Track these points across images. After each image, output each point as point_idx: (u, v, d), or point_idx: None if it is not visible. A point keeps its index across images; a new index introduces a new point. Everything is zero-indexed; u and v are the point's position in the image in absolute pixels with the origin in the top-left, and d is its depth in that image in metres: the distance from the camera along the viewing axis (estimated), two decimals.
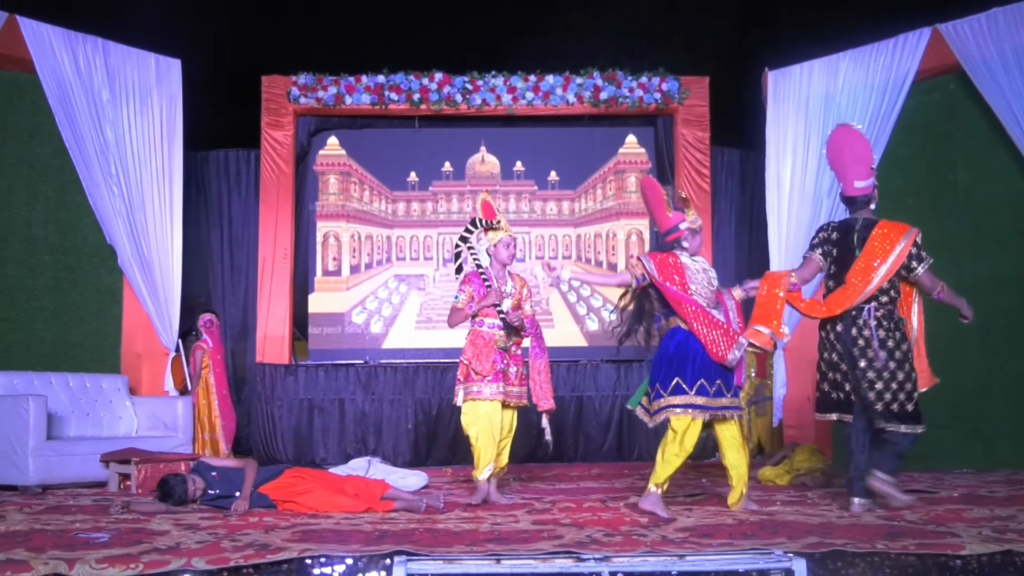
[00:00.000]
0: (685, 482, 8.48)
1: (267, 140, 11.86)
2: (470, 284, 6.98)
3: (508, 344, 6.95)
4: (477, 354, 6.92)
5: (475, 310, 6.93)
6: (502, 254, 7.04)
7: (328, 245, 12.19)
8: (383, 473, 7.99)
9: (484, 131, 12.51)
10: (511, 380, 6.95)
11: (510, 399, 6.94)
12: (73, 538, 5.06)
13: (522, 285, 7.13)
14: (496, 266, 7.08)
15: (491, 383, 6.85)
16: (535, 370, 7.05)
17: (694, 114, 12.18)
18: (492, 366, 6.86)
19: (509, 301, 6.97)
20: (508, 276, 7.09)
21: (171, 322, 10.39)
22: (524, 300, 7.11)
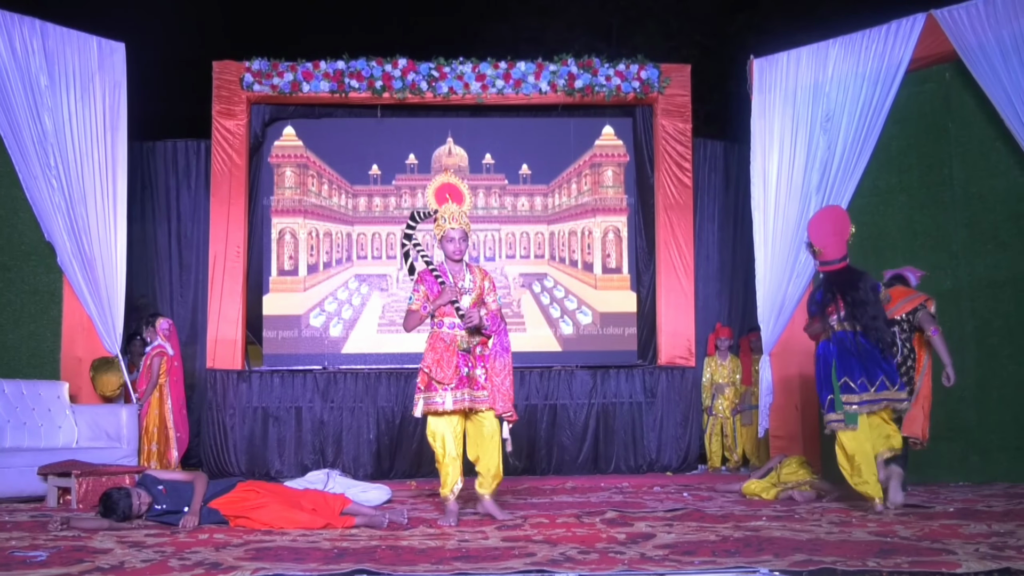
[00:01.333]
0: (665, 496, 8.50)
1: (218, 130, 11.80)
2: (423, 283, 6.89)
3: (471, 345, 6.85)
4: (438, 360, 6.77)
5: (430, 310, 6.84)
6: (448, 249, 6.90)
7: (284, 243, 12.15)
8: (343, 487, 7.97)
9: (451, 121, 12.50)
10: (478, 384, 6.82)
11: (477, 404, 6.81)
12: (9, 557, 5.02)
13: (483, 278, 6.97)
14: (450, 261, 6.98)
15: (454, 390, 6.73)
16: (493, 371, 6.82)
17: (675, 104, 12.21)
18: (455, 372, 6.72)
19: (469, 298, 6.87)
20: (466, 269, 6.96)
21: (114, 325, 10.32)
22: (486, 294, 6.95)
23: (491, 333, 6.82)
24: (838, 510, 7.09)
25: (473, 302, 6.84)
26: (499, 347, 6.86)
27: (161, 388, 10.24)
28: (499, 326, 6.89)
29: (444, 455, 6.81)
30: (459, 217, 6.95)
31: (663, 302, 12.08)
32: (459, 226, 6.92)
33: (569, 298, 12.32)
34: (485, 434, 6.80)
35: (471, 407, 6.75)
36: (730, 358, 11.94)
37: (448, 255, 6.93)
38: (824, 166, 10.29)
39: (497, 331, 6.87)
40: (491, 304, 6.95)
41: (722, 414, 11.85)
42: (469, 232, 7.01)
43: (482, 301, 6.90)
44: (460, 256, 6.93)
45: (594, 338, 12.23)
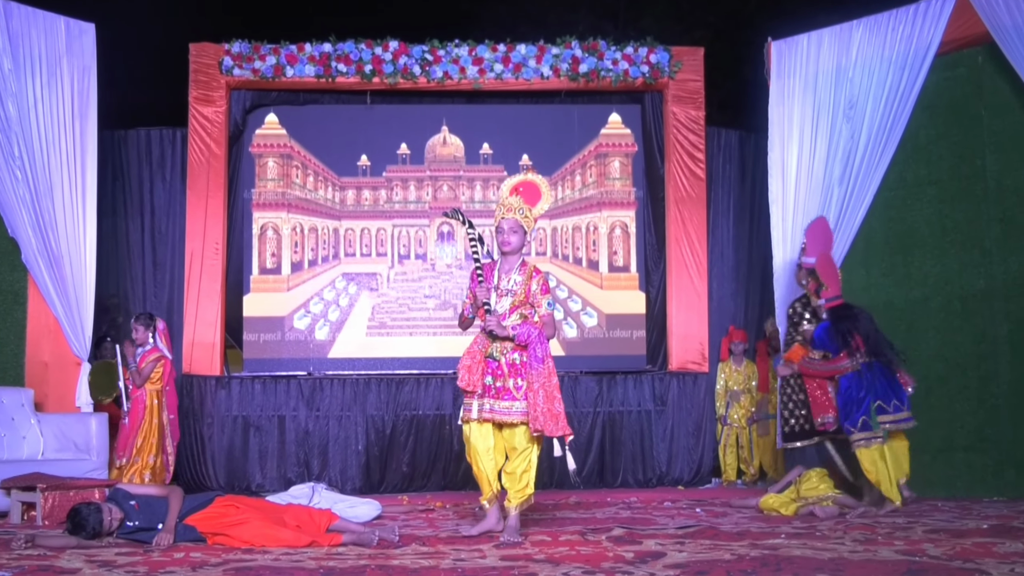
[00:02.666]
0: (677, 512, 8.49)
1: (195, 117, 11.79)
2: (471, 282, 6.98)
3: (499, 353, 6.81)
4: (468, 366, 6.83)
5: (471, 313, 6.96)
6: (497, 240, 6.96)
7: (266, 239, 12.14)
8: (329, 502, 7.96)
9: (446, 108, 12.49)
10: (508, 395, 6.77)
11: (501, 416, 6.77)
12: None
13: (530, 278, 6.92)
14: (505, 258, 7.00)
15: (480, 399, 6.79)
16: (530, 385, 6.72)
17: (687, 90, 12.20)
18: (479, 380, 6.79)
19: (509, 300, 6.85)
20: (518, 268, 6.96)
21: (83, 327, 10.31)
22: (532, 296, 6.88)
23: (520, 342, 6.76)
24: (862, 527, 7.08)
25: (515, 304, 6.82)
26: (532, 358, 6.72)
27: (159, 395, 10.18)
28: (531, 335, 6.77)
29: (474, 466, 6.95)
30: (515, 208, 6.96)
31: (674, 303, 12.07)
32: (512, 216, 6.93)
33: (573, 299, 12.31)
34: (515, 446, 6.80)
35: (494, 419, 6.74)
36: (745, 363, 11.93)
37: (499, 247, 6.99)
38: (847, 157, 10.28)
39: (528, 340, 6.75)
40: (541, 309, 6.87)
41: (737, 423, 11.84)
42: (529, 226, 6.99)
43: (529, 304, 6.87)
44: (508, 248, 6.93)
45: (600, 342, 12.22)
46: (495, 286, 6.89)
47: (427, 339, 12.04)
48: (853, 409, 8.36)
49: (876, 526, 7.12)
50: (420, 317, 12.14)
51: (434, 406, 11.56)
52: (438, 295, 12.15)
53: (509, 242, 6.91)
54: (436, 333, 12.06)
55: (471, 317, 7.04)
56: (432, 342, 12.01)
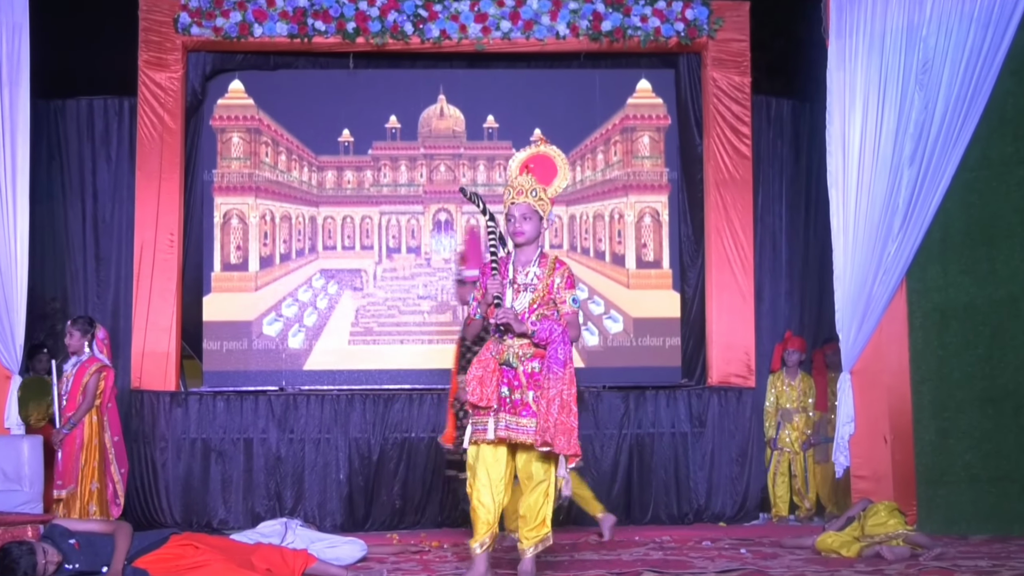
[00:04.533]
0: (718, 553, 8.50)
1: (146, 84, 11.78)
2: (482, 277, 6.92)
3: (516, 358, 6.77)
4: (479, 377, 6.72)
5: (482, 313, 6.89)
6: (508, 230, 6.89)
7: (230, 229, 12.16)
8: (306, 541, 7.97)
9: (443, 74, 12.52)
10: (526, 410, 6.73)
11: (519, 434, 6.72)
12: None
13: (552, 271, 6.88)
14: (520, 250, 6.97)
15: (496, 414, 6.70)
16: (544, 393, 6.64)
17: (729, 52, 12.20)
18: (495, 391, 6.70)
19: (527, 296, 6.79)
20: (537, 260, 6.92)
21: (13, 333, 10.30)
22: (555, 292, 6.84)
23: (539, 341, 6.72)
24: (938, 571, 7.08)
25: (535, 302, 6.77)
26: (552, 360, 6.64)
27: (100, 412, 10.19)
28: (553, 333, 6.74)
29: (473, 495, 6.77)
30: (526, 190, 6.89)
31: (714, 305, 12.07)
32: (524, 200, 6.87)
33: (595, 300, 12.32)
34: (531, 474, 6.75)
35: (511, 438, 6.68)
36: (800, 376, 11.91)
37: (510, 238, 6.93)
38: (920, 130, 10.26)
39: (549, 339, 6.69)
40: (564, 307, 6.84)
41: (790, 448, 11.83)
42: (544, 210, 6.92)
43: (551, 302, 6.84)
44: (522, 239, 6.87)
45: (626, 351, 12.24)
46: (510, 281, 6.82)
47: (421, 348, 12.05)
48: None
49: (954, 570, 7.12)
50: (413, 322, 12.15)
51: (429, 427, 11.54)
52: (434, 295, 12.16)
53: (522, 231, 6.85)
54: (432, 341, 12.07)
55: (480, 318, 6.98)
56: (427, 352, 12.01)
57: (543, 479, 6.72)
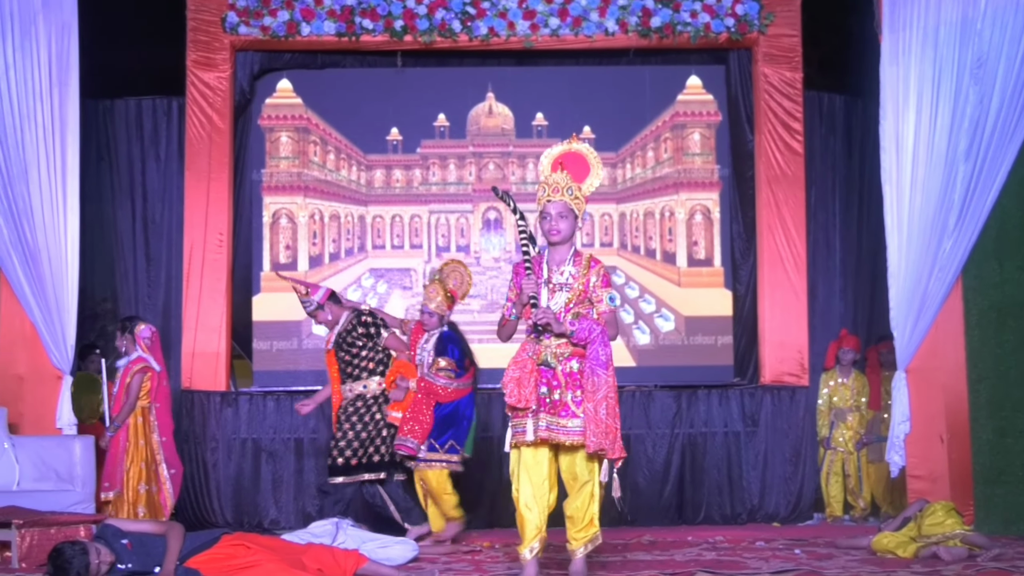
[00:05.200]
0: (771, 554, 8.47)
1: (194, 84, 11.85)
2: (515, 277, 6.93)
3: (555, 358, 6.77)
4: (516, 378, 6.71)
5: (517, 314, 6.89)
6: (542, 228, 6.88)
7: (279, 228, 12.21)
8: (357, 541, 7.98)
9: (492, 71, 12.53)
10: (566, 410, 6.72)
11: (560, 435, 6.71)
12: None
13: (588, 270, 6.88)
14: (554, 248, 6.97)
15: (535, 415, 6.70)
16: (587, 394, 6.65)
17: (781, 47, 12.15)
18: (533, 391, 6.70)
19: (563, 295, 6.80)
20: (571, 259, 6.93)
21: (64, 334, 10.37)
22: (592, 291, 6.83)
23: (579, 341, 6.73)
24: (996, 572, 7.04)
25: (570, 301, 6.78)
26: (594, 361, 6.66)
27: (146, 413, 10.24)
28: (592, 333, 6.73)
29: (519, 501, 6.78)
30: (562, 187, 6.87)
31: (767, 303, 12.02)
32: (560, 199, 6.85)
33: (645, 299, 12.30)
34: (576, 475, 6.76)
35: (552, 439, 6.68)
36: (854, 375, 11.84)
37: (545, 236, 6.91)
38: (975, 125, 10.19)
39: (589, 339, 6.69)
40: (601, 306, 6.82)
41: (844, 447, 11.77)
42: (579, 209, 6.92)
43: (587, 301, 6.83)
44: (557, 237, 6.86)
45: (678, 350, 12.22)
46: (545, 280, 6.82)
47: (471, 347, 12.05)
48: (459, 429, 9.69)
49: (1013, 571, 7.08)
50: (462, 321, 12.05)
51: (480, 427, 11.51)
52: (484, 295, 12.17)
53: (558, 230, 6.84)
54: (482, 340, 12.02)
55: (515, 318, 6.96)
56: (476, 351, 12.00)
57: (588, 479, 6.72)
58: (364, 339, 9.72)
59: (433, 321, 9.88)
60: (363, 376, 9.77)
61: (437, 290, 9.86)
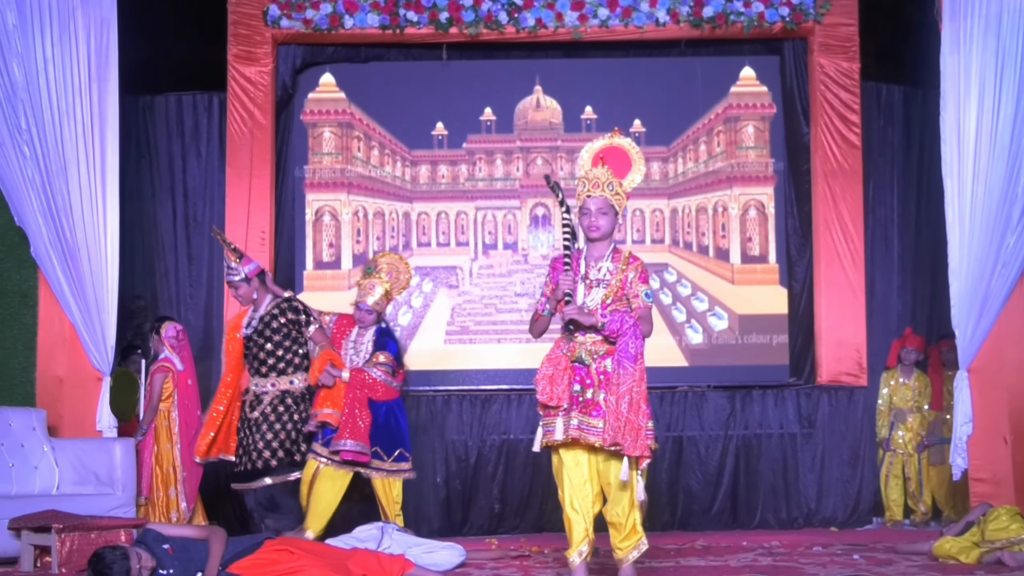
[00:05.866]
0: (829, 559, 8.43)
1: (236, 79, 11.89)
2: (552, 272, 6.97)
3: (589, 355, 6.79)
4: (549, 375, 6.77)
5: (550, 309, 6.92)
6: (583, 224, 6.95)
7: (322, 226, 12.24)
8: (402, 546, 8.01)
9: (539, 64, 12.51)
10: (597, 409, 6.74)
11: (591, 436, 6.73)
12: None
13: (626, 266, 6.91)
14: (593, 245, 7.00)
15: (565, 414, 6.73)
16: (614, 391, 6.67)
17: (837, 36, 12.08)
18: (566, 390, 6.72)
19: (600, 292, 6.83)
20: (610, 255, 6.97)
21: (104, 334, 10.41)
22: (628, 287, 6.86)
23: (610, 334, 6.73)
24: None
25: (608, 297, 6.79)
26: (622, 354, 6.68)
27: (169, 415, 10.29)
28: (624, 325, 6.74)
29: (564, 504, 6.84)
30: (603, 183, 6.92)
31: (823, 300, 11.96)
32: (600, 194, 6.90)
33: (698, 297, 12.26)
34: (611, 478, 6.77)
35: (583, 439, 6.69)
36: (915, 375, 11.78)
37: (584, 232, 6.97)
38: None
39: (620, 331, 6.71)
40: (637, 301, 6.85)
41: (904, 450, 11.71)
42: (620, 205, 6.97)
43: (624, 298, 6.84)
44: (596, 234, 6.92)
45: (732, 349, 12.18)
46: (582, 276, 6.86)
47: (519, 347, 12.04)
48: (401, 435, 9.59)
49: None
50: (510, 320, 12.15)
51: (528, 428, 11.51)
52: (532, 293, 12.14)
53: (598, 226, 6.90)
54: (529, 339, 11.96)
55: (548, 314, 7.01)
56: (525, 351, 11.99)
57: (626, 484, 6.71)
58: (289, 327, 9.45)
59: (370, 319, 9.68)
60: (289, 371, 9.46)
61: (377, 285, 9.66)
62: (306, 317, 9.47)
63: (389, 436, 9.40)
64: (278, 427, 9.32)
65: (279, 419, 9.35)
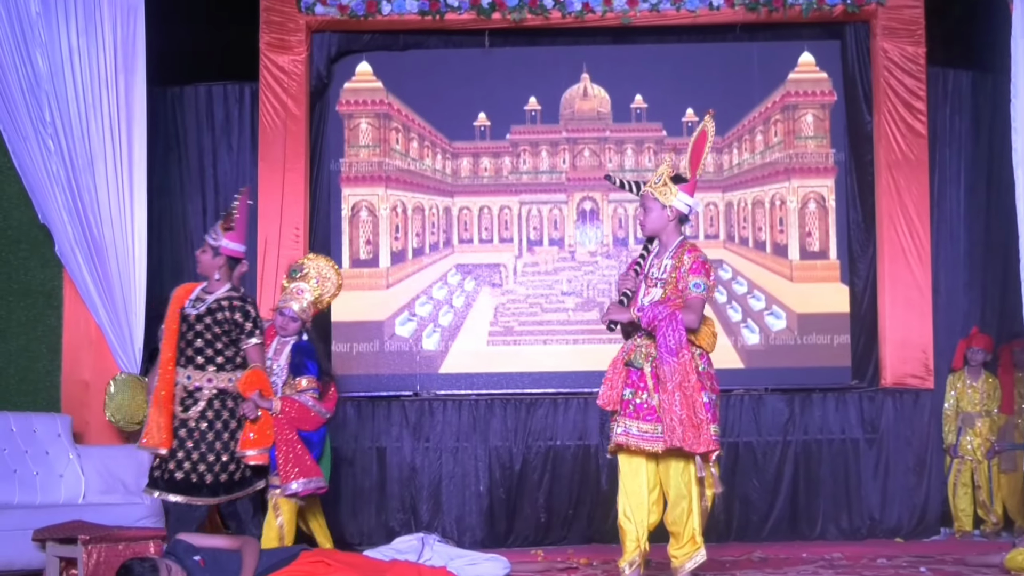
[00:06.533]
0: (895, 571, 8.40)
1: (268, 69, 11.92)
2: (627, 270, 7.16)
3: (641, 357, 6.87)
4: (609, 379, 6.99)
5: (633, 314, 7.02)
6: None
7: (359, 222, 12.26)
8: (444, 558, 8.01)
9: (586, 51, 12.49)
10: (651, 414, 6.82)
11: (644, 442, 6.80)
12: None
13: (680, 261, 7.04)
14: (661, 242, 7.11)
15: (620, 419, 6.85)
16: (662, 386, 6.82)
17: (901, 19, 12.02)
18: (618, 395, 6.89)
19: (659, 290, 6.91)
20: (670, 252, 7.09)
21: (132, 336, 10.46)
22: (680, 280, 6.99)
23: (645, 326, 6.83)
24: None
25: (666, 296, 6.86)
26: (662, 348, 6.76)
27: None
28: (658, 316, 6.79)
29: (620, 512, 6.98)
30: (653, 176, 7.18)
31: (887, 299, 11.90)
32: (646, 190, 7.15)
33: (754, 295, 12.23)
34: (671, 486, 6.83)
35: (629, 444, 6.77)
36: (984, 377, 11.70)
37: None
38: None
39: (654, 322, 6.80)
40: (686, 292, 6.94)
41: (973, 456, 11.64)
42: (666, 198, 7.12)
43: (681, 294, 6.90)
44: (644, 231, 7.18)
45: (790, 350, 12.13)
46: (644, 274, 6.94)
47: (565, 348, 12.04)
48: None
49: None
50: (556, 320, 12.14)
51: (576, 434, 11.53)
52: (579, 291, 12.14)
53: (643, 223, 7.16)
54: (577, 340, 12.05)
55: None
56: (572, 352, 12.00)
57: (684, 492, 6.76)
58: (233, 328, 8.46)
59: (293, 327, 9.03)
60: (227, 368, 8.47)
61: (307, 291, 9.10)
62: (252, 326, 8.51)
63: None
64: (219, 446, 8.34)
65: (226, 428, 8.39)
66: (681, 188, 7.09)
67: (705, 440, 6.64)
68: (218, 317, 8.38)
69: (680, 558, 6.87)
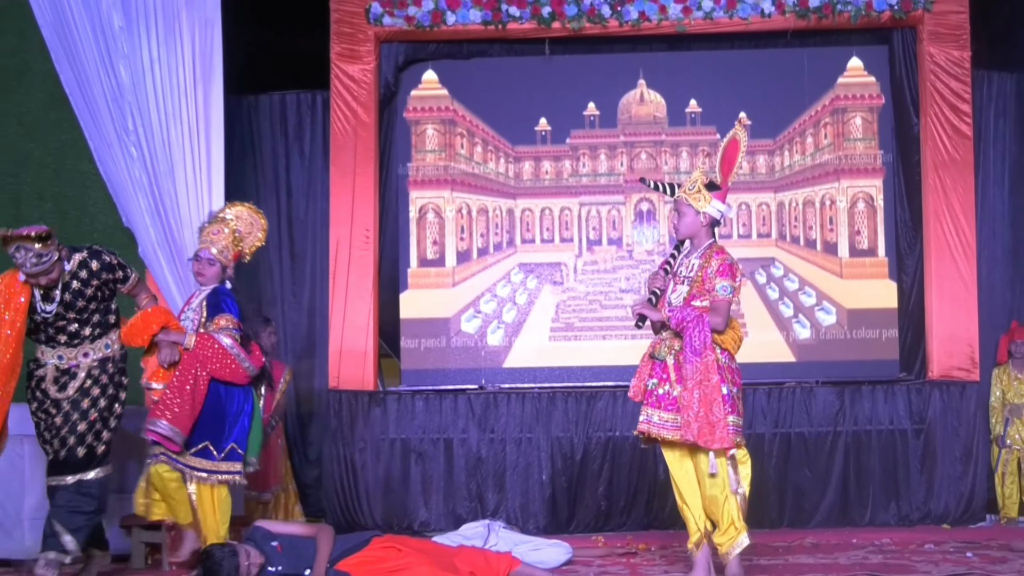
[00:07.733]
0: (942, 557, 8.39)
1: (339, 78, 12.00)
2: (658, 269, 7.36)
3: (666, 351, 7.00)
4: (637, 371, 7.27)
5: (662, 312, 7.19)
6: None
7: (426, 223, 12.33)
8: (509, 543, 8.06)
9: (643, 57, 12.49)
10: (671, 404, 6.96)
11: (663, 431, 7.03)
12: None
13: (707, 262, 7.14)
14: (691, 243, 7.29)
15: (644, 407, 7.18)
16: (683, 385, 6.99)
17: (947, 24, 11.97)
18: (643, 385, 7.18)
19: (685, 289, 7.04)
20: (698, 253, 7.21)
21: None
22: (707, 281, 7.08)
23: (674, 326, 7.01)
24: None
25: (692, 294, 6.97)
26: (687, 347, 6.91)
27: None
28: (686, 318, 6.92)
29: (677, 498, 7.25)
30: (687, 182, 7.30)
31: (934, 294, 11.87)
32: (679, 195, 7.27)
33: (805, 291, 12.21)
34: (702, 474, 6.93)
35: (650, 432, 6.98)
36: None
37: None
38: None
39: (683, 323, 6.95)
40: (713, 293, 7.03)
41: (1020, 446, 11.60)
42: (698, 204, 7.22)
43: (706, 293, 7.00)
44: (676, 234, 7.36)
45: (840, 344, 12.11)
46: (673, 273, 7.08)
47: (624, 343, 12.01)
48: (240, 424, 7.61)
49: None
50: (615, 316, 12.16)
51: (634, 425, 11.39)
52: (637, 289, 12.13)
53: (675, 227, 7.34)
54: (635, 336, 11.99)
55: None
56: (630, 347, 11.95)
57: (715, 476, 6.87)
58: (105, 276, 7.62)
59: (211, 271, 8.02)
60: (102, 333, 7.74)
61: (224, 232, 8.12)
62: (122, 268, 7.73)
63: (221, 421, 7.64)
64: (103, 403, 7.64)
65: (105, 394, 7.66)
66: (714, 195, 7.19)
67: (720, 437, 6.73)
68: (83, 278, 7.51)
69: (724, 544, 6.94)
